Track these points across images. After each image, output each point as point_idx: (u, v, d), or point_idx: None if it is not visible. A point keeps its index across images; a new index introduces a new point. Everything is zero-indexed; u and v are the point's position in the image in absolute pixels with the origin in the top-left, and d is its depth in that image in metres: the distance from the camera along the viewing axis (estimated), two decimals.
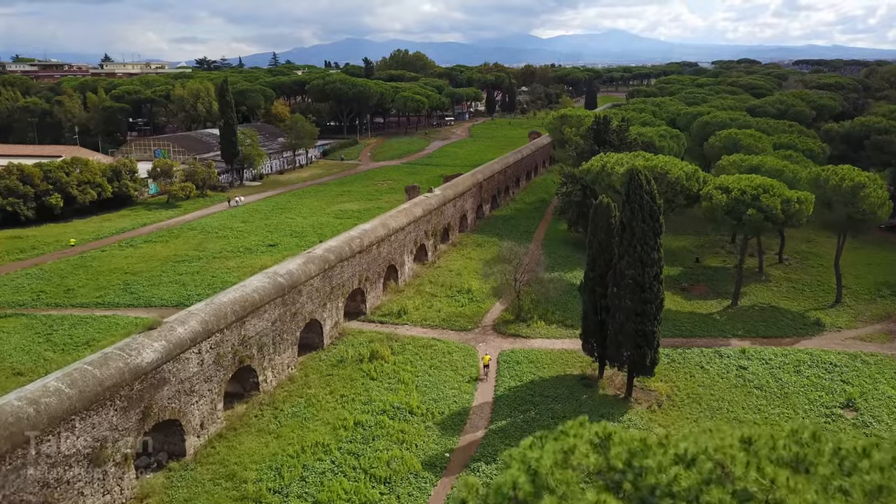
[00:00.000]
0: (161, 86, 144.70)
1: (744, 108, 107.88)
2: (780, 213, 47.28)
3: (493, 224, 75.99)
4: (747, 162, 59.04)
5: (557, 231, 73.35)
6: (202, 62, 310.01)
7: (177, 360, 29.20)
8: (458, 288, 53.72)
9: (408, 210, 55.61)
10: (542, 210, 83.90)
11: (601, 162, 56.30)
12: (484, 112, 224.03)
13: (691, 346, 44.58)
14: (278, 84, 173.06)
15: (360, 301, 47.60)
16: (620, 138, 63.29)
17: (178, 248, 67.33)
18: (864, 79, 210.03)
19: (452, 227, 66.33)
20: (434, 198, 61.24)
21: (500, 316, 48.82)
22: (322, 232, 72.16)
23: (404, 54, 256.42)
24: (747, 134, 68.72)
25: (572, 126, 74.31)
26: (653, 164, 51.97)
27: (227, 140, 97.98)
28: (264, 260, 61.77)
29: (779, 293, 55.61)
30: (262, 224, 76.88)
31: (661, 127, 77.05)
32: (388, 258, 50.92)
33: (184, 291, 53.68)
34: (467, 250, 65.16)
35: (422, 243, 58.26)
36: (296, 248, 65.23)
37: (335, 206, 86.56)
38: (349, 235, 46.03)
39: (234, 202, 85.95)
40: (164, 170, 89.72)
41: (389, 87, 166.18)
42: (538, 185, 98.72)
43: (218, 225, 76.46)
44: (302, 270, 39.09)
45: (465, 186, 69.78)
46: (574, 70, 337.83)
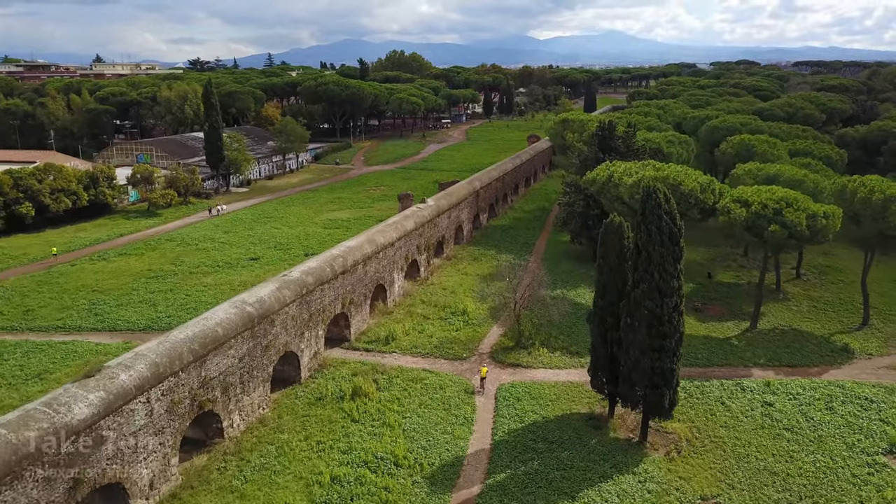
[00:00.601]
0: (148, 87, 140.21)
1: (751, 111, 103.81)
2: (805, 229, 43.01)
3: (490, 235, 71.63)
4: (764, 171, 54.78)
5: (559, 243, 69.02)
6: (195, 63, 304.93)
7: (119, 414, 24.80)
8: (452, 309, 49.33)
9: (398, 223, 51.26)
10: (542, 219, 79.56)
11: (607, 171, 52.01)
12: (481, 114, 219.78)
13: (710, 378, 40.28)
14: (270, 85, 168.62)
15: (343, 326, 43.24)
16: (627, 145, 59.00)
17: (153, 261, 62.89)
18: (867, 80, 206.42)
19: (447, 240, 61.99)
20: (427, 209, 56.91)
21: (499, 342, 44.45)
22: (308, 244, 67.82)
23: (400, 55, 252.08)
24: (761, 140, 64.46)
25: (575, 131, 69.96)
26: (664, 174, 47.68)
27: (212, 144, 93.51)
28: (244, 276, 57.42)
29: (799, 313, 51.33)
30: (245, 235, 72.45)
31: (669, 132, 72.75)
32: (375, 277, 46.56)
33: (153, 313, 49.24)
34: (463, 265, 60.79)
35: (413, 259, 53.92)
36: (279, 263, 60.98)
37: (324, 215, 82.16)
38: (331, 255, 41.65)
39: (216, 211, 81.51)
40: (145, 176, 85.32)
41: (384, 88, 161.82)
42: (537, 192, 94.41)
43: (198, 236, 72.00)
44: (275, 297, 34.70)
45: (461, 196, 65.45)
46: (572, 71, 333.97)
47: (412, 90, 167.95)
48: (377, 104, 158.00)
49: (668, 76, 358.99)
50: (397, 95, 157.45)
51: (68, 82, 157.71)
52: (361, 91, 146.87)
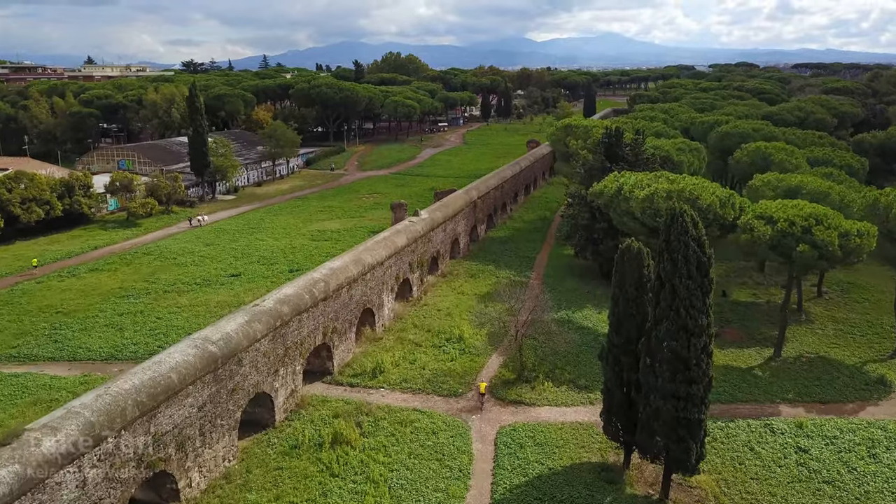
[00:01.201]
0: (134, 90, 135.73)
1: (759, 115, 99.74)
2: (837, 249, 38.83)
3: (488, 248, 67.30)
4: (785, 182, 50.61)
5: (561, 256, 64.75)
6: (188, 65, 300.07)
7: (40, 490, 20.46)
8: (447, 334, 44.97)
9: (388, 240, 46.94)
10: (543, 230, 75.27)
11: (616, 183, 47.76)
12: (479, 117, 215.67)
13: (735, 417, 36.00)
14: (262, 88, 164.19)
15: (325, 357, 38.91)
16: (635, 153, 54.76)
17: (126, 278, 58.50)
18: (869, 83, 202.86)
19: (442, 255, 57.70)
20: (420, 223, 52.61)
21: (499, 374, 40.11)
22: (294, 258, 63.47)
23: (396, 57, 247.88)
24: (778, 148, 60.28)
25: (578, 138, 65.72)
26: (679, 186, 43.45)
27: (197, 150, 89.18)
28: (222, 295, 53.06)
29: (825, 338, 47.07)
30: (227, 248, 68.04)
31: (678, 139, 68.57)
32: (362, 301, 42.23)
33: (119, 339, 44.83)
34: (459, 282, 56.48)
35: (405, 278, 49.61)
36: (261, 280, 56.67)
37: (313, 225, 77.79)
38: (311, 279, 37.30)
39: (196, 221, 77.06)
40: (124, 184, 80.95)
41: (379, 91, 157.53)
42: (538, 201, 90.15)
43: (178, 249, 67.59)
44: (244, 333, 30.35)
45: (458, 207, 61.17)
46: (571, 73, 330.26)
47: (408, 93, 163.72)
48: (372, 107, 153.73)
49: (668, 78, 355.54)
50: (392, 98, 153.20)
51: (52, 84, 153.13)
52: (355, 93, 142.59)
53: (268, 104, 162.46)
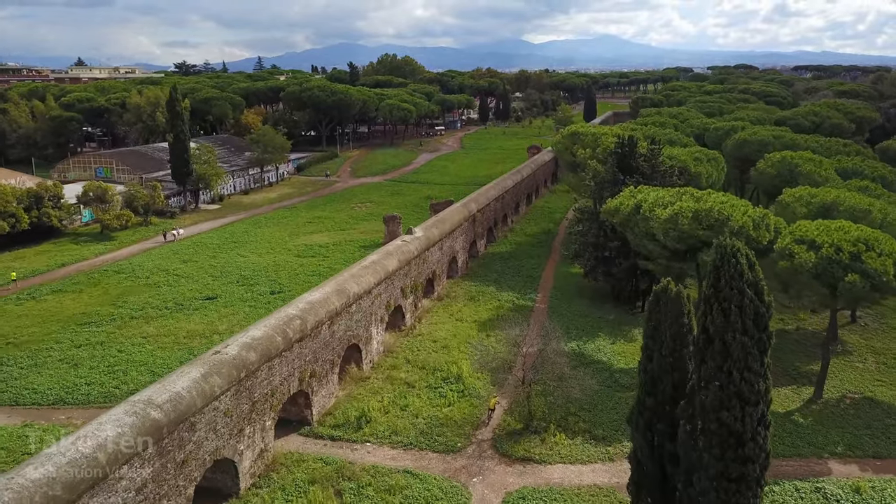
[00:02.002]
0: (117, 93, 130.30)
1: (772, 120, 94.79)
2: (893, 278, 33.76)
3: (488, 265, 62.09)
4: (819, 198, 45.43)
5: (568, 275, 59.60)
6: (181, 66, 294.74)
7: None
8: (444, 372, 39.74)
9: (377, 264, 41.71)
10: (547, 244, 70.09)
11: (633, 200, 42.62)
12: (477, 120, 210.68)
13: (780, 478, 30.81)
14: (253, 90, 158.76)
15: (302, 405, 33.69)
16: (652, 165, 49.62)
17: (91, 301, 53.23)
18: (873, 85, 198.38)
19: (438, 276, 52.52)
20: (414, 242, 47.40)
21: (503, 422, 34.90)
22: (277, 277, 58.23)
23: (392, 59, 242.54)
24: (804, 158, 55.20)
25: (586, 146, 60.50)
26: (706, 205, 38.33)
27: (178, 157, 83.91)
28: (194, 323, 47.77)
29: (867, 373, 41.95)
30: (206, 265, 62.77)
31: (694, 147, 63.46)
32: (347, 337, 37.03)
33: (72, 377, 39.53)
34: (457, 306, 51.24)
35: (397, 305, 44.40)
36: (238, 305, 51.43)
37: (300, 239, 72.54)
38: (285, 316, 32.06)
39: (171, 236, 71.64)
40: (98, 194, 75.58)
41: (373, 94, 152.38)
42: (540, 211, 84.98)
43: (152, 266, 62.31)
44: (198, 391, 25.12)
45: (455, 222, 55.99)
46: (570, 76, 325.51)
47: (404, 96, 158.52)
48: (366, 110, 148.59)
49: (668, 81, 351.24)
50: (388, 101, 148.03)
51: (34, 87, 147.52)
52: (349, 97, 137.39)
53: (259, 107, 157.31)
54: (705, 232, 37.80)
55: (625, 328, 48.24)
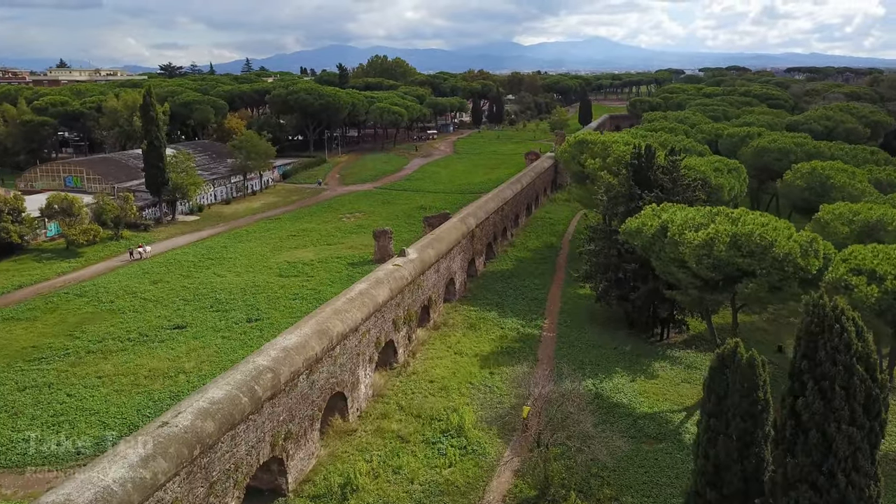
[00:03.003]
0: (94, 96, 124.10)
1: (783, 124, 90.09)
2: None
3: (489, 286, 56.71)
4: (862, 216, 40.46)
5: (577, 297, 54.36)
6: (166, 68, 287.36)
7: None
8: (442, 422, 34.29)
9: (366, 294, 36.26)
10: (550, 261, 64.81)
11: (657, 220, 37.40)
12: (469, 123, 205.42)
13: None
14: (238, 93, 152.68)
15: (276, 472, 28.19)
16: (673, 178, 44.43)
17: (45, 330, 47.50)
18: (870, 87, 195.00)
19: (434, 302, 47.11)
20: (408, 266, 41.98)
21: (514, 488, 29.52)
22: (255, 302, 52.65)
23: (383, 60, 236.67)
24: (837, 169, 50.24)
25: (596, 156, 55.20)
26: (745, 228, 33.12)
27: (153, 166, 78.12)
28: (158, 360, 42.13)
29: None
30: (178, 286, 57.12)
31: (713, 157, 58.35)
32: (329, 386, 31.58)
33: (7, 432, 33.80)
34: (456, 336, 45.80)
35: (389, 339, 38.98)
36: (210, 335, 45.85)
37: (283, 255, 66.94)
38: (254, 368, 26.58)
39: (137, 254, 65.75)
40: (64, 206, 69.63)
41: (363, 96, 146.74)
42: (541, 223, 79.67)
43: (118, 287, 56.59)
44: (136, 483, 19.60)
45: (453, 240, 50.63)
46: (563, 78, 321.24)
47: (395, 98, 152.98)
48: (356, 114, 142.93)
49: (661, 83, 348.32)
50: (378, 104, 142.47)
51: (6, 90, 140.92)
52: (338, 100, 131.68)
53: (245, 111, 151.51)
54: (745, 260, 32.60)
55: (644, 361, 43.02)
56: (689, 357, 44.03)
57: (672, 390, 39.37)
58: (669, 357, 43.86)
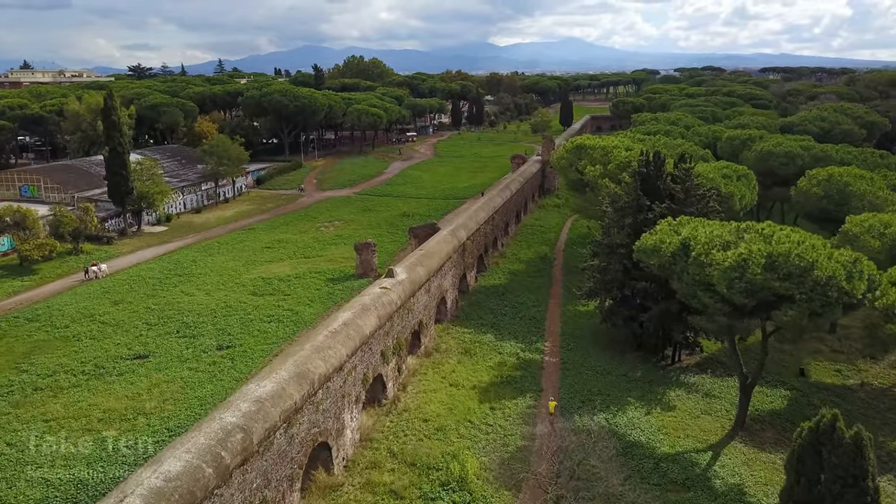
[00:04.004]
0: (55, 99, 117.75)
1: (777, 126, 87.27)
2: None
3: (482, 304, 52.49)
4: (895, 228, 36.98)
5: (578, 316, 50.44)
6: (135, 69, 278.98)
7: None
8: (440, 471, 29.88)
9: (351, 326, 31.81)
10: (545, 273, 60.80)
11: (677, 237, 33.45)
12: (449, 125, 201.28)
13: None
14: (209, 95, 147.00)
15: None
16: (686, 188, 40.59)
17: None
18: (847, 87, 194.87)
19: (425, 326, 42.79)
20: (397, 288, 37.60)
21: None
22: (227, 325, 47.85)
23: (359, 61, 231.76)
24: (855, 175, 46.84)
25: (595, 162, 51.25)
26: (781, 248, 29.27)
27: (116, 173, 72.72)
28: (115, 398, 37.27)
29: None
30: (141, 307, 52.09)
31: (721, 162, 54.70)
32: (311, 437, 27.13)
33: None
34: (450, 364, 41.50)
35: (377, 374, 34.58)
36: (175, 366, 41.10)
37: (257, 270, 62.12)
38: (221, 427, 22.09)
39: (93, 272, 60.29)
40: (17, 219, 64.09)
41: (340, 98, 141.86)
42: (531, 231, 75.65)
43: (74, 310, 51.39)
44: None
45: (444, 255, 46.37)
46: (542, 78, 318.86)
47: (373, 100, 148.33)
48: (333, 116, 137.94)
49: (639, 83, 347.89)
50: (356, 106, 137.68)
51: None
52: (314, 101, 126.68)
53: (217, 113, 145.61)
54: (783, 283, 28.74)
55: (657, 390, 39.17)
56: (705, 383, 40.31)
57: (693, 424, 35.54)
58: (684, 384, 40.08)
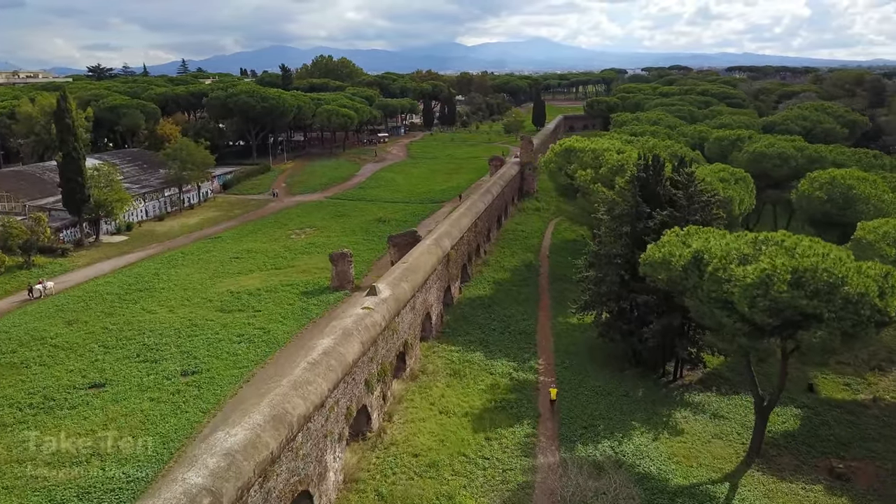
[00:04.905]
0: (6, 101, 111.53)
1: (759, 125, 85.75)
2: None
3: (468, 317, 49.22)
4: None
5: (571, 329, 47.52)
6: (95, 70, 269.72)
7: None
8: None
9: (332, 355, 28.34)
10: (531, 282, 57.82)
11: (686, 248, 30.64)
12: (421, 125, 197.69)
13: None
14: (173, 96, 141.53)
15: None
16: (689, 195, 37.90)
17: None
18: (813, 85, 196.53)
19: (410, 346, 39.44)
20: (381, 308, 34.21)
21: None
22: (192, 348, 43.86)
23: (328, 61, 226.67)
24: (858, 178, 44.70)
25: (586, 166, 48.40)
26: (808, 262, 26.62)
27: (70, 180, 67.90)
28: (65, 437, 33.11)
29: None
30: (98, 326, 47.83)
31: (717, 165, 52.09)
32: (290, 486, 23.69)
33: None
34: (438, 388, 38.19)
35: (361, 405, 31.16)
36: (135, 397, 37.18)
37: (225, 282, 58.10)
38: (185, 490, 18.45)
39: (38, 291, 55.39)
40: None
41: (309, 98, 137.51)
42: (512, 236, 72.63)
43: (23, 332, 46.90)
44: None
45: (429, 268, 43.09)
46: (512, 78, 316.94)
47: (343, 100, 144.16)
48: (302, 117, 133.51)
49: (609, 82, 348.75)
50: (326, 107, 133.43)
51: None
52: (282, 102, 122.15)
53: (180, 115, 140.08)
54: (810, 302, 26.06)
55: (661, 411, 36.41)
56: (711, 402, 37.69)
57: (704, 450, 32.82)
58: (690, 404, 37.40)
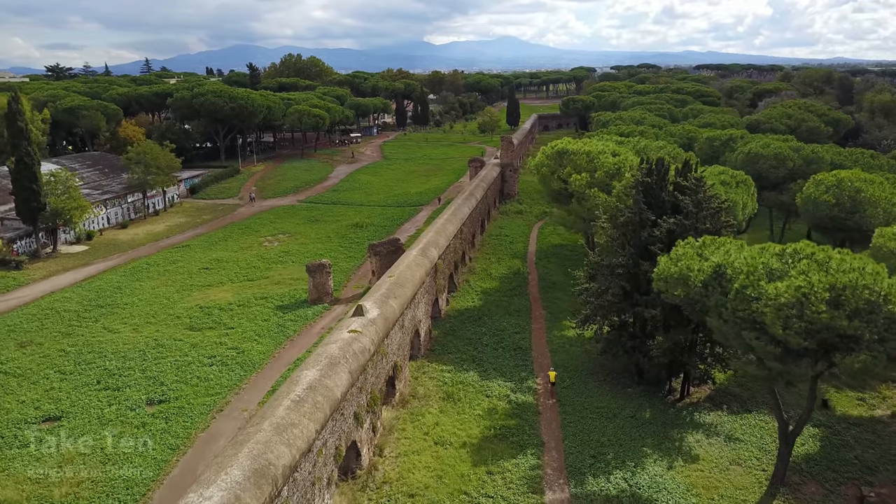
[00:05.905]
0: None
1: (743, 124, 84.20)
2: None
3: (457, 332, 46.11)
4: None
5: (565, 341, 44.74)
6: (54, 69, 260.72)
7: None
8: None
9: (318, 390, 25.06)
10: (521, 290, 54.90)
11: (704, 262, 27.96)
12: (393, 125, 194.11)
13: None
14: (136, 97, 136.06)
15: None
16: (697, 202, 35.32)
17: None
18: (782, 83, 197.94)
19: (400, 368, 36.23)
20: (369, 330, 30.96)
21: None
22: (159, 371, 40.10)
23: (297, 59, 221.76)
24: (865, 180, 42.63)
25: (581, 170, 45.62)
26: (846, 278, 24.11)
27: (24, 188, 63.25)
28: (10, 482, 29.30)
29: None
30: (54, 349, 43.73)
31: (717, 167, 49.64)
32: None
33: None
34: (431, 414, 35.03)
35: (351, 442, 27.90)
36: (95, 430, 33.46)
37: (193, 296, 54.20)
38: None
39: None
40: None
41: (279, 98, 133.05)
42: (496, 241, 69.70)
43: None
44: None
45: (417, 281, 39.90)
46: (484, 77, 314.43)
47: (314, 100, 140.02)
48: (272, 117, 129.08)
49: (580, 81, 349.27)
50: (296, 107, 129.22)
51: None
52: (251, 102, 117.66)
53: (144, 116, 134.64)
54: (851, 323, 23.55)
55: (672, 434, 33.77)
56: (723, 423, 35.15)
57: (724, 479, 30.23)
58: (701, 425, 34.82)
